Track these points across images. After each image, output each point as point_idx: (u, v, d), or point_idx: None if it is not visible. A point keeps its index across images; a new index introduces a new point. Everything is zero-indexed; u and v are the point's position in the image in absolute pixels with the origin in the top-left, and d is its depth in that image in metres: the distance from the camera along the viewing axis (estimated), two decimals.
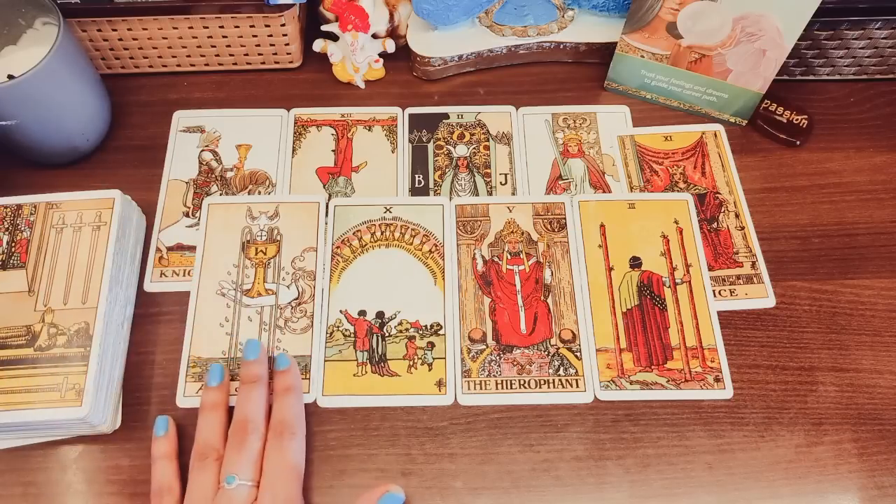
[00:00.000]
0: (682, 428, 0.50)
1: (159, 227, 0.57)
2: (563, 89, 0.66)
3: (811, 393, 0.51)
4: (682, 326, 0.53)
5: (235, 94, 0.65)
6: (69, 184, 0.57)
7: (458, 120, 0.64)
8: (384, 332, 0.53)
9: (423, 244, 0.57)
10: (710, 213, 0.59)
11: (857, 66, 0.65)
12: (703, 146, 0.62)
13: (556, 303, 0.54)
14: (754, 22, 0.55)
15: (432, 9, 0.62)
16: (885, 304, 0.55)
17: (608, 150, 0.62)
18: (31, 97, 0.52)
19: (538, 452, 0.49)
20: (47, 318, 0.49)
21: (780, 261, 0.57)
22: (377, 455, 0.49)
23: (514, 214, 0.58)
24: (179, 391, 0.50)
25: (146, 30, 0.62)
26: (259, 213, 0.57)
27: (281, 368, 0.50)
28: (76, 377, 0.46)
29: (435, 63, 0.65)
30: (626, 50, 0.62)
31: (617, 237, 0.57)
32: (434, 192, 0.60)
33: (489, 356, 0.52)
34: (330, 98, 0.65)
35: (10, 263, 0.51)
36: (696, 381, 0.51)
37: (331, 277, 0.55)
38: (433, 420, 0.50)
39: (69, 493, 0.48)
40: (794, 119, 0.62)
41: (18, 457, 0.49)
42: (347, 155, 0.62)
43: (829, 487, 0.48)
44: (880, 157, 0.62)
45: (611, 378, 0.51)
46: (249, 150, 0.62)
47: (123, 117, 0.63)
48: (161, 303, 0.54)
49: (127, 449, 0.49)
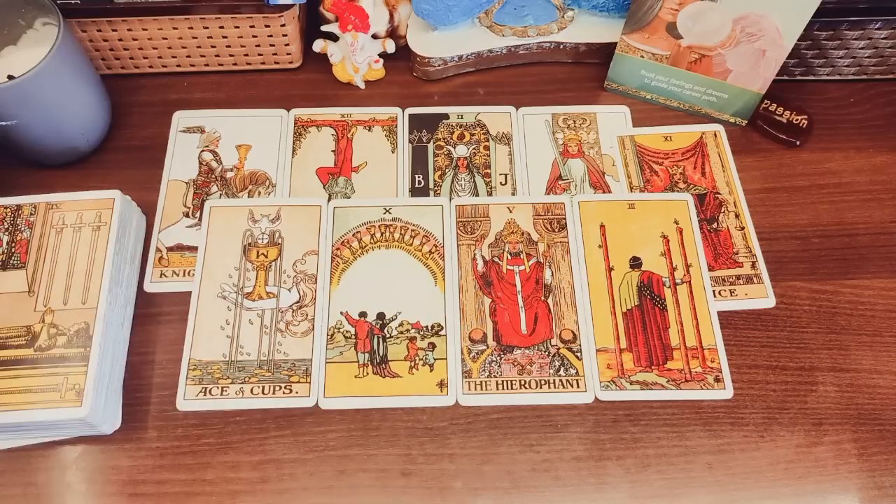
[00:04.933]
0: (682, 428, 0.50)
1: (159, 228, 0.57)
2: (563, 89, 0.66)
3: (811, 393, 0.51)
4: (682, 326, 0.53)
5: (235, 95, 0.65)
6: (69, 184, 0.57)
7: (458, 120, 0.64)
8: (385, 334, 0.53)
9: (423, 245, 0.57)
10: (710, 213, 0.59)
11: (856, 66, 0.65)
12: (703, 146, 0.62)
13: (557, 303, 0.54)
14: (754, 22, 0.55)
15: (432, 9, 0.62)
16: (885, 304, 0.55)
17: (608, 151, 0.62)
18: (31, 97, 0.52)
19: (538, 452, 0.49)
20: (47, 318, 0.49)
21: (780, 261, 0.57)
22: (377, 455, 0.49)
23: (515, 215, 0.58)
24: (180, 394, 0.50)
25: (146, 30, 0.62)
26: (261, 216, 0.57)
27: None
28: (76, 377, 0.46)
29: (435, 63, 0.65)
30: (626, 50, 0.62)
31: (617, 237, 0.57)
32: (434, 192, 0.60)
33: (490, 356, 0.52)
34: (330, 98, 0.65)
35: (10, 264, 0.51)
36: (696, 381, 0.51)
37: (331, 279, 0.55)
38: (433, 420, 0.50)
39: (69, 493, 0.48)
40: (794, 119, 0.62)
41: (18, 457, 0.49)
42: (347, 155, 0.62)
43: (829, 487, 0.48)
44: (880, 157, 0.62)
45: (611, 378, 0.51)
46: (249, 150, 0.62)
47: (123, 117, 0.63)
48: (161, 303, 0.54)
49: (127, 449, 0.49)
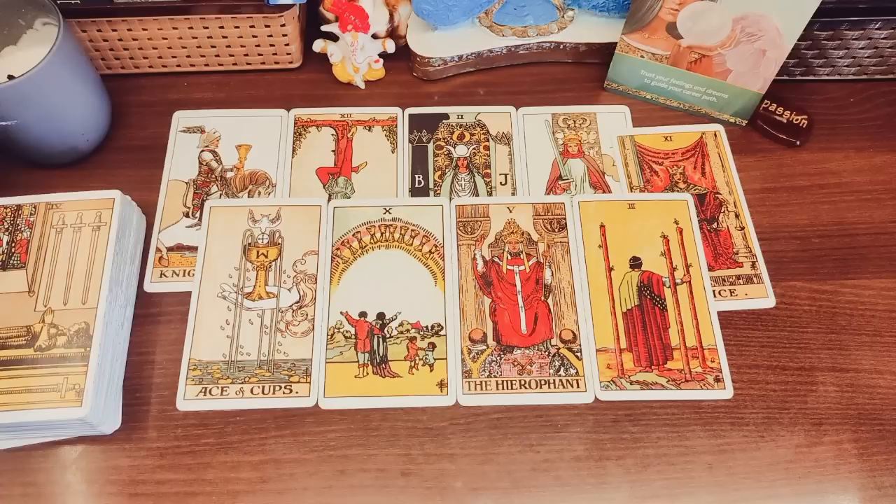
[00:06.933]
0: (682, 428, 0.50)
1: (159, 228, 0.57)
2: (562, 89, 0.66)
3: (811, 393, 0.51)
4: (682, 326, 0.53)
5: (235, 95, 0.65)
6: (69, 184, 0.57)
7: (458, 120, 0.64)
8: (385, 334, 0.53)
9: (423, 245, 0.57)
10: (710, 213, 0.59)
11: (856, 66, 0.65)
12: (703, 146, 0.62)
13: (557, 303, 0.54)
14: (754, 22, 0.55)
15: (432, 9, 0.62)
16: (885, 304, 0.55)
17: (608, 151, 0.62)
18: (31, 97, 0.52)
19: (538, 452, 0.49)
20: (47, 318, 0.49)
21: (780, 261, 0.57)
22: (377, 455, 0.49)
23: (515, 215, 0.58)
24: (180, 394, 0.50)
25: (146, 30, 0.62)
26: (261, 216, 0.57)
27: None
28: (76, 377, 0.46)
29: (435, 63, 0.65)
30: (626, 50, 0.62)
31: (617, 237, 0.57)
32: (434, 192, 0.60)
33: (490, 356, 0.52)
34: (330, 98, 0.65)
35: (10, 264, 0.51)
36: (696, 381, 0.51)
37: (331, 279, 0.55)
38: (433, 420, 0.50)
39: (69, 493, 0.48)
40: (794, 119, 0.62)
41: (18, 457, 0.49)
42: (347, 155, 0.62)
43: (829, 487, 0.48)
44: (880, 158, 0.62)
45: (611, 378, 0.51)
46: (249, 150, 0.62)
47: (123, 117, 0.63)
48: (161, 303, 0.54)
49: (127, 449, 0.49)
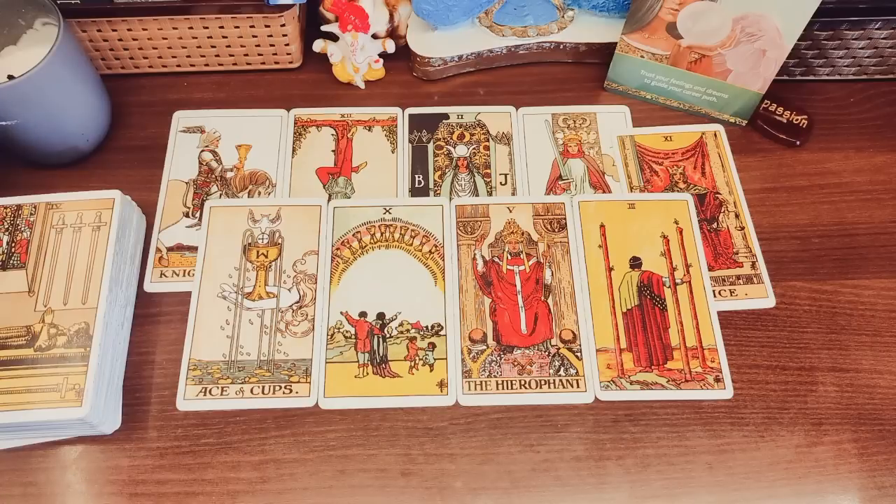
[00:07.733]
0: (682, 428, 0.50)
1: (159, 228, 0.57)
2: (562, 89, 0.66)
3: (811, 393, 0.51)
4: (682, 326, 0.53)
5: (235, 95, 0.65)
6: (69, 184, 0.57)
7: (458, 120, 0.64)
8: (385, 334, 0.53)
9: (423, 245, 0.57)
10: (710, 213, 0.59)
11: (856, 66, 0.65)
12: (703, 146, 0.62)
13: (557, 303, 0.54)
14: (754, 22, 0.55)
15: (432, 9, 0.62)
16: (885, 304, 0.55)
17: (608, 151, 0.62)
18: (31, 97, 0.52)
19: (538, 452, 0.49)
20: (47, 318, 0.49)
21: (780, 261, 0.57)
22: (377, 455, 0.49)
23: (515, 215, 0.58)
24: (180, 394, 0.50)
25: (146, 30, 0.62)
26: (261, 216, 0.57)
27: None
28: (76, 377, 0.46)
29: (435, 63, 0.65)
30: (625, 50, 0.62)
31: (617, 237, 0.57)
32: (434, 192, 0.60)
33: (490, 356, 0.52)
34: (330, 98, 0.65)
35: (10, 264, 0.51)
36: (696, 381, 0.51)
37: (331, 279, 0.55)
38: (433, 420, 0.50)
39: (69, 493, 0.48)
40: (794, 119, 0.62)
41: (18, 457, 0.49)
42: (347, 155, 0.62)
43: (829, 487, 0.48)
44: (880, 157, 0.62)
45: (611, 378, 0.51)
46: (249, 150, 0.62)
47: (123, 117, 0.63)
48: (161, 303, 0.54)
49: (127, 449, 0.49)
